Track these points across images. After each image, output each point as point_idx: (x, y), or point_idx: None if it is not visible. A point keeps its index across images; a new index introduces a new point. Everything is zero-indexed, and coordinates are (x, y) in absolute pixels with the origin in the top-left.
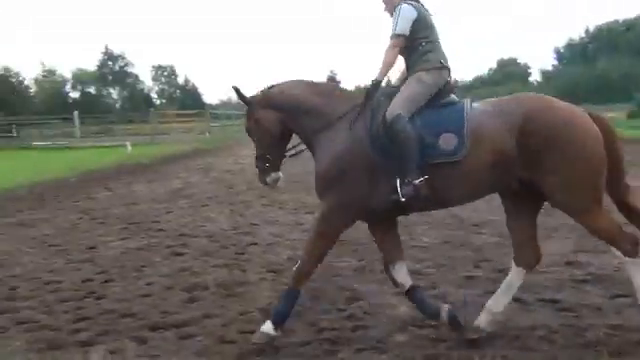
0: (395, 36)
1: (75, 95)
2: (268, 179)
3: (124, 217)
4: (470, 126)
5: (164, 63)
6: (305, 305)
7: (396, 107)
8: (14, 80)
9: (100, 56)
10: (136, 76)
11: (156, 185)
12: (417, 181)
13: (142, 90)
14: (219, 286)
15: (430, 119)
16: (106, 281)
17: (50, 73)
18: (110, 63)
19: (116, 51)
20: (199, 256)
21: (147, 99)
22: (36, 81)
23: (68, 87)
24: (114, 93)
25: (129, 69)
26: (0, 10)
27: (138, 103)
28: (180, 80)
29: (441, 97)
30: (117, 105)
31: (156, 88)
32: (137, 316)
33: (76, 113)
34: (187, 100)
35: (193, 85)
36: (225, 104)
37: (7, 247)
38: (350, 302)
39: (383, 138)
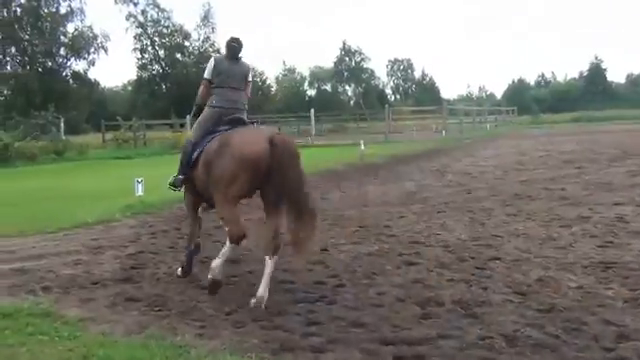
0: (203, 79)
1: (312, 92)
2: None
3: (356, 220)
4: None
5: (400, 57)
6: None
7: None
8: (258, 80)
9: (337, 52)
10: (371, 71)
11: (389, 187)
12: (180, 176)
13: (377, 86)
14: (456, 303)
15: (203, 141)
16: (337, 286)
17: (290, 72)
18: (347, 59)
19: (353, 46)
20: (434, 267)
21: (381, 95)
22: (277, 80)
23: (305, 85)
24: (349, 90)
25: (365, 64)
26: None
27: (372, 100)
28: (417, 74)
29: (217, 126)
30: (351, 102)
31: (391, 83)
32: (368, 327)
33: (312, 111)
34: (423, 95)
35: (430, 79)
36: (464, 99)
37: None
38: (619, 340)
39: None
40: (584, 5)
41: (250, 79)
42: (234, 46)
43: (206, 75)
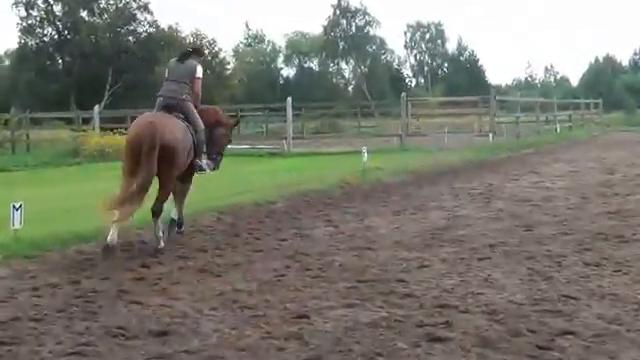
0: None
1: (289, 72)
2: None
3: (352, 270)
4: None
5: (425, 20)
6: None
7: None
8: (208, 54)
9: (329, 11)
10: (381, 42)
11: (404, 220)
12: None
13: (389, 64)
14: None
15: None
16: None
17: (256, 40)
18: (343, 22)
19: (353, 3)
20: (472, 347)
21: (396, 78)
22: (236, 53)
23: (280, 61)
24: (346, 69)
25: (371, 31)
26: None
27: (381, 85)
28: (450, 47)
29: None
30: (349, 88)
31: (411, 60)
32: None
33: (289, 100)
34: (460, 79)
35: (471, 55)
36: (522, 86)
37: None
38: None
39: None
40: None
41: (198, 75)
42: (182, 52)
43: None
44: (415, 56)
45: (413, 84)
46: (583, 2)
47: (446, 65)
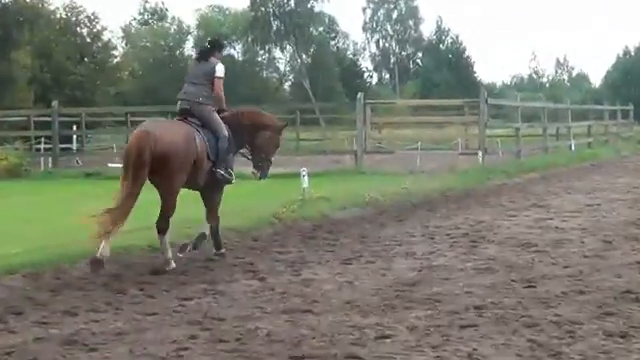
0: None
1: None
2: None
3: (281, 342)
4: None
5: None
6: None
7: None
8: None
9: None
10: (331, 20)
11: (359, 271)
12: None
13: (342, 52)
14: None
15: None
16: None
17: (155, 16)
18: None
19: None
20: None
21: (351, 71)
22: (125, 32)
23: (188, 45)
24: (281, 58)
25: (315, 5)
26: None
27: (330, 81)
28: (426, 29)
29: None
30: (285, 85)
31: (371, 47)
32: None
33: None
34: (441, 75)
35: (456, 42)
36: (525, 86)
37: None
38: None
39: None
40: None
41: (218, 75)
42: (200, 48)
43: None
44: (377, 42)
45: (374, 81)
46: None
47: (420, 56)
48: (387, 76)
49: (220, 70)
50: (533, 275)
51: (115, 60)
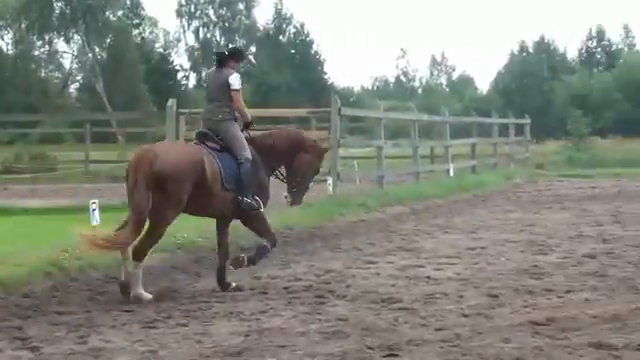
0: None
1: None
2: None
3: None
4: None
5: None
6: None
7: None
8: None
9: None
10: None
11: (164, 337)
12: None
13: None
14: None
15: None
16: None
17: None
18: None
19: None
20: None
21: (160, 70)
22: None
23: None
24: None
25: None
26: None
27: (127, 82)
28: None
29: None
30: (72, 85)
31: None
32: None
33: None
34: (275, 76)
35: (297, 28)
36: (393, 95)
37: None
38: None
39: None
40: None
41: (234, 88)
42: (217, 55)
43: None
44: (197, 31)
45: (191, 83)
46: None
47: (254, 50)
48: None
49: (235, 82)
50: (396, 340)
51: None
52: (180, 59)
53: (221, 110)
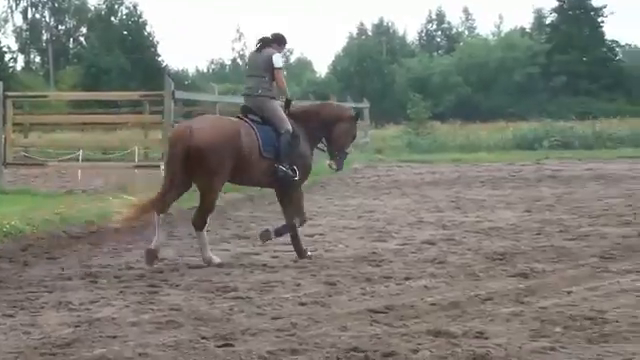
0: None
1: None
2: None
3: None
4: None
5: None
6: None
7: None
8: None
9: None
10: None
11: None
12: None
13: None
14: None
15: None
16: None
17: None
18: None
19: None
20: None
21: None
22: None
23: None
24: None
25: None
26: None
27: None
28: None
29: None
30: None
31: None
32: None
33: None
34: None
35: None
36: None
37: None
38: None
39: None
40: None
41: (277, 66)
42: (261, 39)
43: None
44: (25, 12)
45: (19, 65)
46: None
47: (84, 31)
48: (37, 59)
49: (278, 61)
50: (231, 330)
51: None
52: (7, 40)
53: (260, 86)
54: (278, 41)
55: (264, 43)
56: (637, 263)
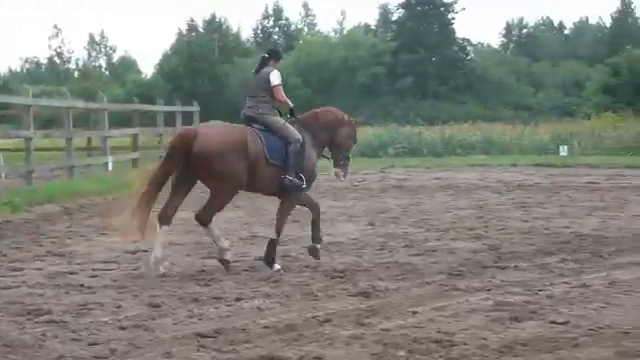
0: None
1: None
2: None
3: None
4: None
5: None
6: None
7: None
8: None
9: None
10: None
11: None
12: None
13: None
14: None
15: None
16: None
17: None
18: None
19: None
20: None
21: None
22: None
23: None
24: None
25: None
26: None
27: None
28: None
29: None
30: None
31: None
32: None
33: None
34: None
35: None
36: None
37: None
38: None
39: None
40: None
41: (274, 83)
42: (260, 60)
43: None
44: None
45: None
46: None
47: None
48: None
49: (275, 78)
50: (43, 357)
51: None
52: None
53: (259, 105)
54: (274, 57)
55: (261, 64)
56: (488, 280)
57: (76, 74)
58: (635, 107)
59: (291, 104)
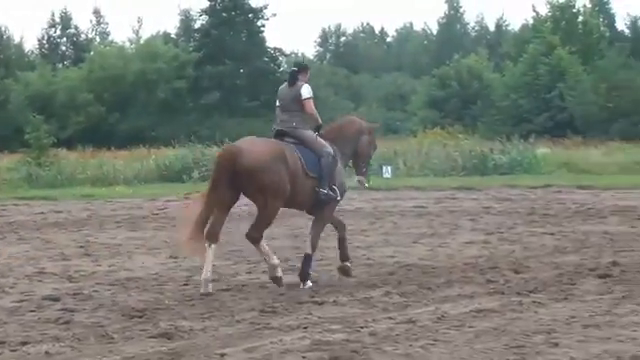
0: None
1: None
2: None
3: None
4: None
5: None
6: None
7: None
8: None
9: None
10: None
11: None
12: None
13: None
14: None
15: None
16: None
17: None
18: None
19: None
20: None
21: None
22: None
23: None
24: None
25: None
26: None
27: None
28: None
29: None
30: None
31: None
32: None
33: None
34: None
35: None
36: None
37: None
38: None
39: None
40: None
41: (305, 97)
42: (290, 73)
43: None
44: None
45: None
46: None
47: None
48: None
49: (306, 92)
50: None
51: None
52: None
53: (294, 119)
54: (303, 71)
55: (293, 77)
56: (304, 317)
57: None
58: (465, 122)
59: (320, 120)
